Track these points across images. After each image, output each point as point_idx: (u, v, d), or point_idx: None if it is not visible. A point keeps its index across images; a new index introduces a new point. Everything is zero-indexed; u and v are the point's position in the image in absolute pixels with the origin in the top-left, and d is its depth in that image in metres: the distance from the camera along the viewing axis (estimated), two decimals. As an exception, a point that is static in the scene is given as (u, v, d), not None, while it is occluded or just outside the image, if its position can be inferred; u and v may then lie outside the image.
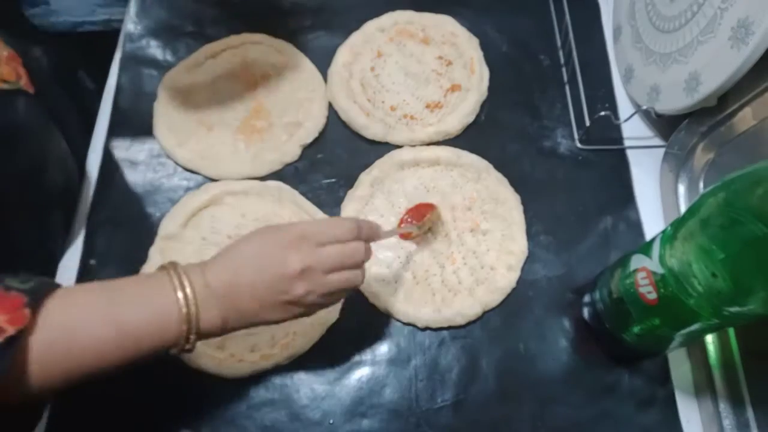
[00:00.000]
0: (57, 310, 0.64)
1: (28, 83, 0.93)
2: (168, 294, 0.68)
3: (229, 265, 0.73)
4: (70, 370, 0.64)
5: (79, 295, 0.68)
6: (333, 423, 0.91)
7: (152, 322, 0.67)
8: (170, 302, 0.68)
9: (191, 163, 1.09)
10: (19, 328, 0.59)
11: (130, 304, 0.67)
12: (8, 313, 0.59)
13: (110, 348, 0.65)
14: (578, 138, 1.13)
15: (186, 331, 0.68)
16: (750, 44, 0.83)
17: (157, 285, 0.69)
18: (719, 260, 0.64)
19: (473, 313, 0.97)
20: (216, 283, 0.71)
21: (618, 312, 0.87)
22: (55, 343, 0.63)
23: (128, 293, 0.69)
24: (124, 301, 0.67)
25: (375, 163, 1.09)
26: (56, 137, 1.01)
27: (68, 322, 0.64)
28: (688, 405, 0.93)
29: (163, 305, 0.68)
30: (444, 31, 1.24)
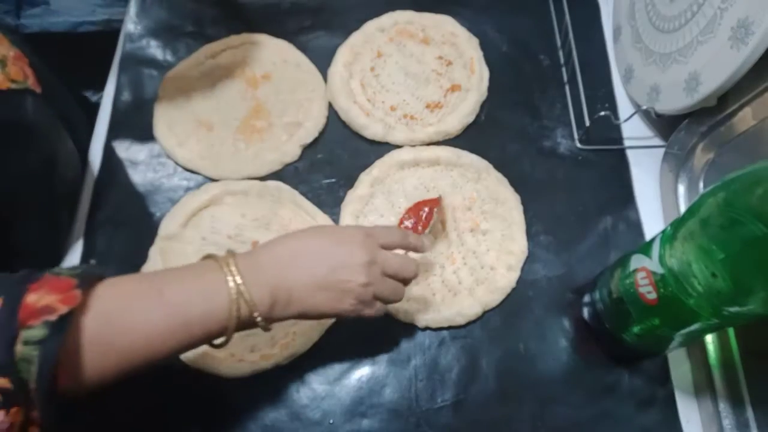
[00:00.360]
0: (107, 294, 0.64)
1: (35, 83, 0.93)
2: (217, 279, 0.69)
3: (285, 247, 0.76)
4: (123, 355, 0.64)
5: (127, 282, 0.68)
6: (333, 423, 0.91)
7: (202, 307, 0.68)
8: (220, 288, 0.69)
9: (191, 163, 1.09)
10: (71, 307, 0.59)
11: (180, 290, 0.68)
12: (60, 293, 0.59)
13: (161, 332, 0.65)
14: (578, 138, 1.13)
15: (236, 316, 0.69)
16: (750, 44, 0.83)
17: (206, 271, 0.70)
18: (719, 260, 0.64)
19: (473, 313, 0.97)
20: (269, 260, 0.73)
21: (618, 312, 0.87)
22: (107, 326, 0.63)
23: (177, 280, 0.69)
24: (174, 288, 0.68)
25: (375, 163, 1.09)
26: (63, 136, 1.02)
27: (119, 306, 0.65)
28: (687, 405, 0.93)
29: (213, 291, 0.69)
30: (444, 31, 1.24)
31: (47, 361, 0.56)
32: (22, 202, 0.92)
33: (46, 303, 0.58)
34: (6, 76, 0.86)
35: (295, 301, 0.73)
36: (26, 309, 0.57)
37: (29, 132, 0.91)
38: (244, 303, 0.69)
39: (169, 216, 1.04)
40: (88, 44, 1.31)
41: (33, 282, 0.60)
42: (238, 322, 0.69)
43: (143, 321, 0.65)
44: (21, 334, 0.56)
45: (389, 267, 0.79)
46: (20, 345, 0.56)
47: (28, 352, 0.56)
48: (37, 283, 0.60)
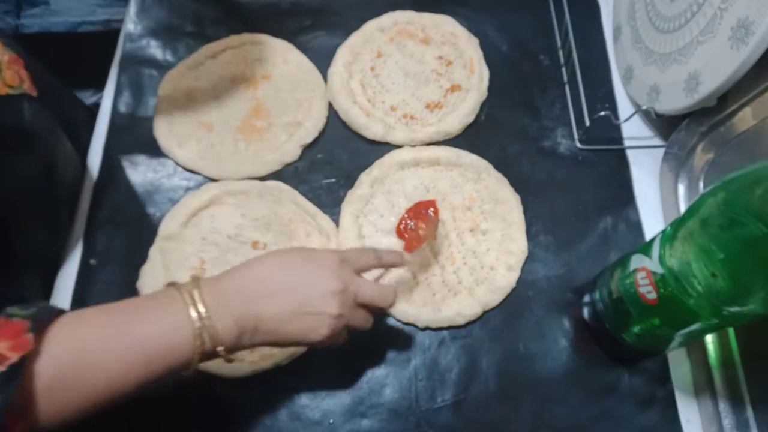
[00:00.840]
0: (63, 334, 0.62)
1: (31, 86, 0.93)
2: (180, 313, 0.67)
3: (252, 272, 0.73)
4: (82, 397, 0.62)
5: (85, 317, 0.65)
6: (333, 423, 0.91)
7: (165, 344, 0.65)
8: (183, 322, 0.66)
9: (191, 163, 1.09)
10: (21, 355, 0.56)
11: (140, 323, 0.65)
12: (10, 339, 0.57)
13: (121, 369, 0.63)
14: (578, 138, 1.13)
15: (200, 350, 0.66)
16: (750, 44, 0.83)
17: (169, 303, 0.68)
18: (719, 260, 0.64)
19: (473, 313, 0.97)
20: (234, 289, 0.70)
21: (618, 312, 0.87)
22: (63, 368, 0.60)
23: (138, 317, 0.67)
24: (132, 320, 0.66)
25: (375, 163, 1.09)
26: (62, 137, 1.02)
27: (76, 345, 0.62)
28: (687, 405, 0.93)
29: (176, 326, 0.66)
30: (444, 31, 1.24)
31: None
32: (21, 205, 0.92)
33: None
34: (2, 81, 0.86)
35: (262, 332, 0.71)
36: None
37: (27, 136, 0.91)
38: (207, 336, 0.67)
39: (169, 216, 1.04)
40: (88, 44, 1.32)
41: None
42: (202, 354, 0.67)
43: (102, 363, 0.62)
44: None
45: (363, 296, 0.77)
46: None
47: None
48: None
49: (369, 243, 1.03)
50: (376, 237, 1.03)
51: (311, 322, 0.73)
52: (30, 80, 0.93)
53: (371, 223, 1.04)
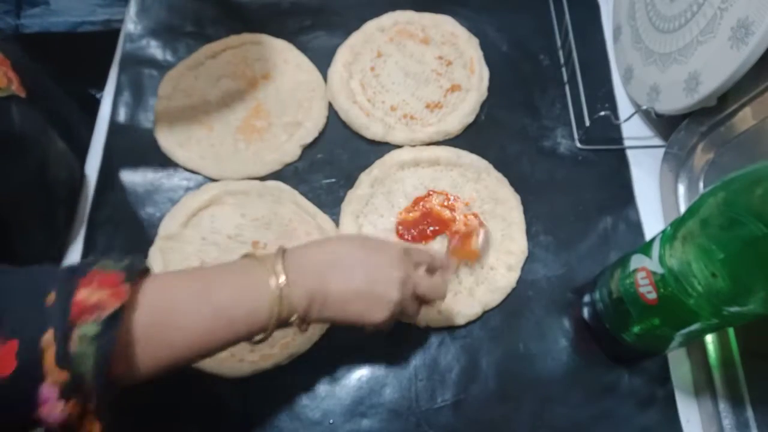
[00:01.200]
0: (154, 290, 0.65)
1: (19, 87, 0.92)
2: (261, 280, 0.70)
3: (327, 249, 0.76)
4: (173, 350, 0.65)
5: (172, 278, 0.69)
6: (333, 423, 0.91)
7: (247, 307, 0.68)
8: (264, 288, 0.69)
9: (191, 163, 1.09)
10: (122, 302, 0.59)
11: (224, 287, 0.68)
12: (110, 288, 0.60)
13: (207, 328, 0.66)
14: (578, 138, 1.13)
15: (276, 316, 0.69)
16: (750, 44, 0.83)
17: (251, 269, 0.71)
18: (719, 260, 0.64)
19: (473, 312, 0.97)
20: (311, 262, 0.74)
21: (618, 312, 0.87)
22: (156, 321, 0.64)
23: (223, 279, 0.70)
24: (217, 284, 0.69)
25: (375, 163, 1.09)
26: (53, 137, 1.01)
27: (166, 302, 0.65)
28: (687, 405, 0.93)
29: (257, 291, 0.69)
30: (444, 31, 1.24)
31: (102, 357, 0.57)
32: (17, 207, 0.92)
33: (97, 299, 0.58)
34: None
35: (330, 306, 0.74)
36: (78, 305, 0.57)
37: (17, 139, 0.91)
38: (285, 304, 0.70)
39: (169, 216, 1.04)
40: (88, 44, 1.32)
41: (82, 276, 0.60)
42: (278, 321, 0.70)
43: (191, 320, 0.66)
44: (75, 330, 0.56)
45: (420, 287, 0.79)
46: (75, 341, 0.56)
47: (84, 349, 0.56)
48: (86, 277, 0.60)
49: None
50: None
51: (373, 305, 0.75)
52: (18, 81, 0.92)
53: (371, 223, 1.04)
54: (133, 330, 0.61)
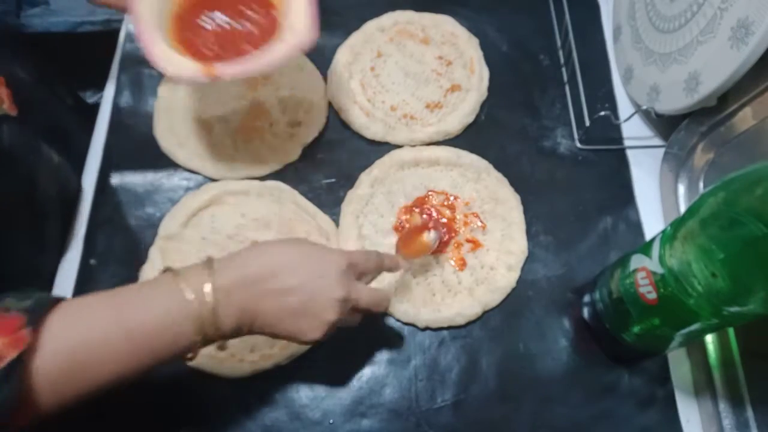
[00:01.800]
0: (61, 325, 0.61)
1: (11, 105, 0.91)
2: (181, 299, 0.65)
3: (260, 263, 0.72)
4: (83, 385, 0.62)
5: (82, 306, 0.65)
6: (333, 423, 0.91)
7: (167, 329, 0.64)
8: (185, 307, 0.65)
9: (191, 163, 1.09)
10: (19, 351, 0.56)
11: (140, 313, 0.64)
12: (7, 335, 0.56)
13: (122, 357, 0.63)
14: (578, 138, 1.13)
15: (202, 335, 0.66)
16: (750, 44, 0.83)
17: (169, 290, 0.66)
18: (719, 260, 0.64)
19: (473, 313, 0.97)
20: (241, 280, 0.69)
21: (618, 312, 0.87)
22: (64, 360, 0.60)
23: (135, 299, 0.66)
24: (133, 311, 0.64)
25: (375, 163, 1.09)
26: (44, 154, 1.01)
27: (75, 336, 0.61)
28: (687, 405, 0.93)
29: (179, 311, 0.65)
30: (444, 31, 1.24)
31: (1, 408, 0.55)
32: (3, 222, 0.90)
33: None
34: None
35: (259, 326, 0.72)
36: None
37: (3, 159, 0.89)
38: (210, 324, 0.66)
39: (169, 216, 1.04)
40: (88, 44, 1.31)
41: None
42: (206, 340, 0.68)
43: (102, 349, 0.62)
44: None
45: (362, 303, 0.78)
46: None
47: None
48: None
49: (369, 243, 1.02)
50: (376, 237, 1.03)
51: (308, 325, 0.73)
52: (10, 99, 0.91)
53: (371, 223, 1.04)
54: (36, 376, 0.58)
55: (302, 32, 0.90)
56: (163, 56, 0.87)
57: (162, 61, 0.87)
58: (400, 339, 0.97)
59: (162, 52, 0.87)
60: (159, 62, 0.86)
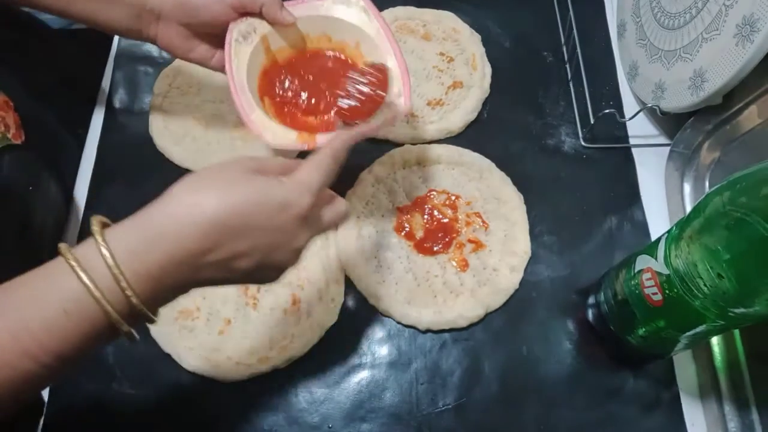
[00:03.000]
0: None
1: (17, 133, 0.91)
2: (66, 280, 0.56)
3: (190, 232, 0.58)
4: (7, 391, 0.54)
5: None
6: (332, 427, 0.90)
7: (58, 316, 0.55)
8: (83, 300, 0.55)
9: (186, 162, 1.09)
10: None
11: (21, 309, 0.55)
12: None
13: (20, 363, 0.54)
14: (582, 136, 1.12)
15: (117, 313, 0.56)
16: (755, 42, 0.83)
17: (50, 274, 0.57)
18: (725, 261, 0.63)
19: (475, 315, 0.96)
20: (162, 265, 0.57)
21: (623, 313, 0.86)
22: None
23: (17, 296, 0.57)
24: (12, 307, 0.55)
25: (375, 162, 1.09)
26: (44, 184, 0.99)
27: None
28: (693, 408, 0.92)
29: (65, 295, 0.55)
30: (446, 27, 1.23)
31: None
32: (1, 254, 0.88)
33: None
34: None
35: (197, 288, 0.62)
36: None
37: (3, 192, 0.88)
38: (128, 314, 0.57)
39: (166, 216, 1.02)
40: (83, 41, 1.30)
41: None
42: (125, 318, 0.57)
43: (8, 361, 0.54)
44: None
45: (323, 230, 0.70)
46: None
47: None
48: None
49: (369, 243, 1.01)
50: (377, 237, 1.02)
51: (266, 277, 0.66)
52: (17, 125, 0.91)
53: (371, 223, 1.03)
54: None
55: (399, 103, 0.87)
56: (260, 124, 0.86)
57: (259, 128, 0.85)
58: (401, 341, 0.96)
59: (259, 120, 0.86)
60: (256, 129, 0.85)
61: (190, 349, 0.92)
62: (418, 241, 1.01)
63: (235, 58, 0.89)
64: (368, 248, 1.00)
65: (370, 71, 0.81)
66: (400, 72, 0.89)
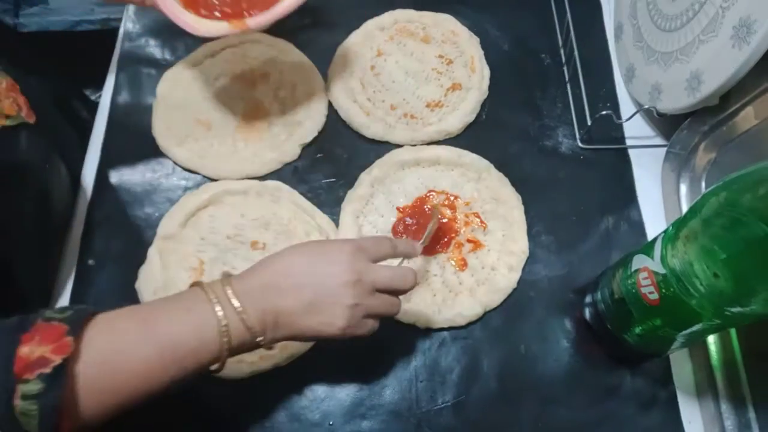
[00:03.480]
0: (98, 336, 0.64)
1: (28, 112, 0.92)
2: (205, 308, 0.69)
3: (272, 268, 0.74)
4: (119, 395, 0.65)
5: (117, 319, 0.67)
6: (332, 424, 0.90)
7: (194, 342, 0.67)
8: (208, 316, 0.68)
9: (190, 163, 1.09)
10: (64, 357, 0.59)
11: (168, 325, 0.67)
12: (52, 342, 0.59)
13: (154, 368, 0.65)
14: (580, 137, 1.13)
15: (227, 346, 0.69)
16: (752, 43, 0.83)
17: (195, 302, 0.69)
18: (721, 260, 0.64)
19: (474, 313, 0.97)
20: (254, 285, 0.72)
21: (619, 312, 0.86)
22: (101, 369, 0.63)
23: (166, 314, 0.69)
24: (162, 322, 0.67)
25: (375, 163, 1.09)
26: (57, 163, 1.02)
27: (110, 347, 0.64)
28: (689, 406, 0.93)
29: (202, 324, 0.68)
30: (444, 29, 1.23)
31: (47, 415, 0.57)
32: (17, 235, 0.92)
33: (40, 354, 0.58)
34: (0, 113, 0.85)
35: (282, 326, 0.73)
36: (20, 362, 0.57)
37: (22, 171, 0.91)
38: (234, 332, 0.69)
39: (168, 216, 1.03)
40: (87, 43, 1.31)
41: (25, 332, 0.60)
42: (230, 350, 0.70)
43: (137, 362, 0.65)
44: (18, 388, 0.56)
45: (380, 282, 0.77)
46: (18, 399, 0.56)
47: (27, 407, 0.56)
48: (29, 333, 0.60)
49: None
50: (376, 237, 1.03)
51: (327, 315, 0.73)
52: (27, 106, 0.92)
53: (371, 223, 1.04)
54: (77, 382, 0.61)
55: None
56: (192, 21, 0.93)
57: (193, 25, 0.93)
58: (401, 340, 0.97)
59: (190, 18, 0.94)
60: (191, 26, 0.93)
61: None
62: None
63: None
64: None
65: None
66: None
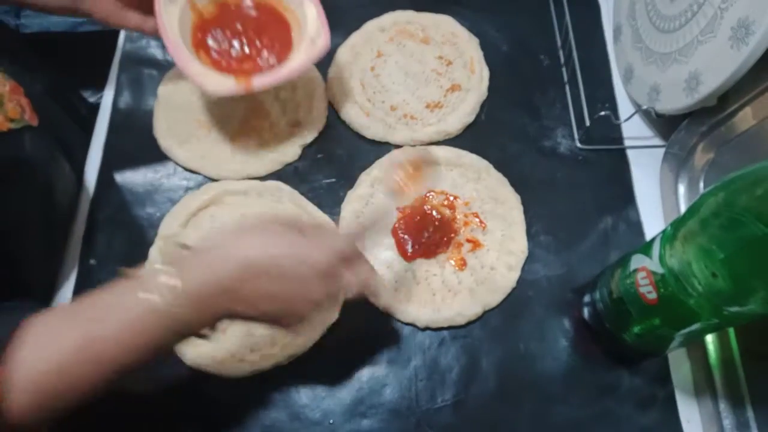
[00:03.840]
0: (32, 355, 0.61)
1: (32, 115, 0.92)
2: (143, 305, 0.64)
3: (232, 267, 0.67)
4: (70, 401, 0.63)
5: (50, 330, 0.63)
6: (333, 423, 0.91)
7: (136, 336, 0.63)
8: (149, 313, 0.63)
9: (191, 163, 1.09)
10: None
11: (103, 326, 0.63)
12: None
13: (102, 371, 0.63)
14: (578, 138, 1.13)
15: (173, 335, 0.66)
16: (750, 44, 0.83)
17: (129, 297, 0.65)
18: (719, 260, 0.64)
19: (473, 313, 0.97)
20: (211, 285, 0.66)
21: (618, 312, 0.87)
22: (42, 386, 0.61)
23: (100, 314, 0.65)
24: (96, 324, 0.64)
25: (375, 163, 1.09)
26: (61, 163, 1.02)
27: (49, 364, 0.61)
28: (688, 405, 0.93)
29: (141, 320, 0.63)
30: (444, 31, 1.24)
31: None
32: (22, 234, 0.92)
33: None
34: (5, 116, 0.86)
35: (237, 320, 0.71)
36: None
37: (27, 170, 0.91)
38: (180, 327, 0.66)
39: (169, 216, 1.04)
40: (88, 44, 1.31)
41: None
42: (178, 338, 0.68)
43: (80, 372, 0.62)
44: None
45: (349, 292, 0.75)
46: None
47: None
48: None
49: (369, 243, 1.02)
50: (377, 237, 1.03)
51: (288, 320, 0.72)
52: (30, 108, 0.92)
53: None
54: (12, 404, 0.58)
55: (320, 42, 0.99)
56: (199, 74, 0.93)
57: (199, 78, 0.93)
58: (400, 339, 0.97)
59: (197, 70, 0.94)
60: (196, 80, 0.93)
61: (193, 345, 0.93)
62: None
63: (166, 19, 0.96)
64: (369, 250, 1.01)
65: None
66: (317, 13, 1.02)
